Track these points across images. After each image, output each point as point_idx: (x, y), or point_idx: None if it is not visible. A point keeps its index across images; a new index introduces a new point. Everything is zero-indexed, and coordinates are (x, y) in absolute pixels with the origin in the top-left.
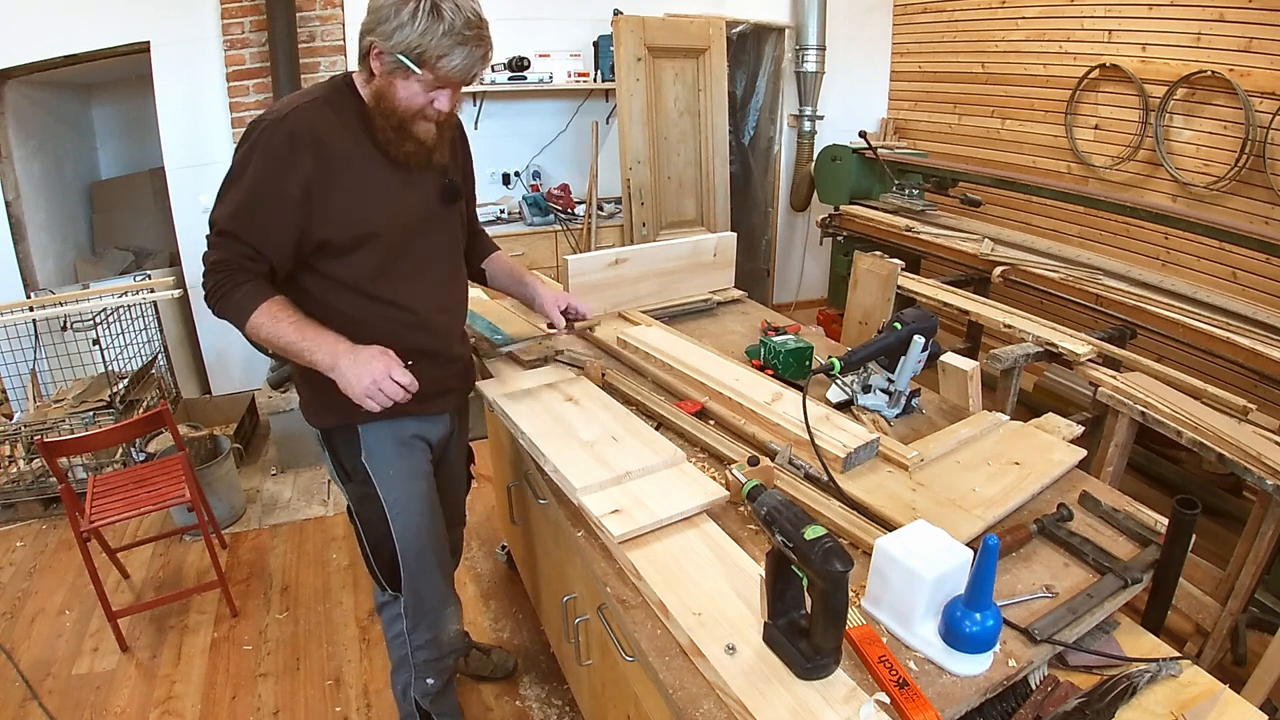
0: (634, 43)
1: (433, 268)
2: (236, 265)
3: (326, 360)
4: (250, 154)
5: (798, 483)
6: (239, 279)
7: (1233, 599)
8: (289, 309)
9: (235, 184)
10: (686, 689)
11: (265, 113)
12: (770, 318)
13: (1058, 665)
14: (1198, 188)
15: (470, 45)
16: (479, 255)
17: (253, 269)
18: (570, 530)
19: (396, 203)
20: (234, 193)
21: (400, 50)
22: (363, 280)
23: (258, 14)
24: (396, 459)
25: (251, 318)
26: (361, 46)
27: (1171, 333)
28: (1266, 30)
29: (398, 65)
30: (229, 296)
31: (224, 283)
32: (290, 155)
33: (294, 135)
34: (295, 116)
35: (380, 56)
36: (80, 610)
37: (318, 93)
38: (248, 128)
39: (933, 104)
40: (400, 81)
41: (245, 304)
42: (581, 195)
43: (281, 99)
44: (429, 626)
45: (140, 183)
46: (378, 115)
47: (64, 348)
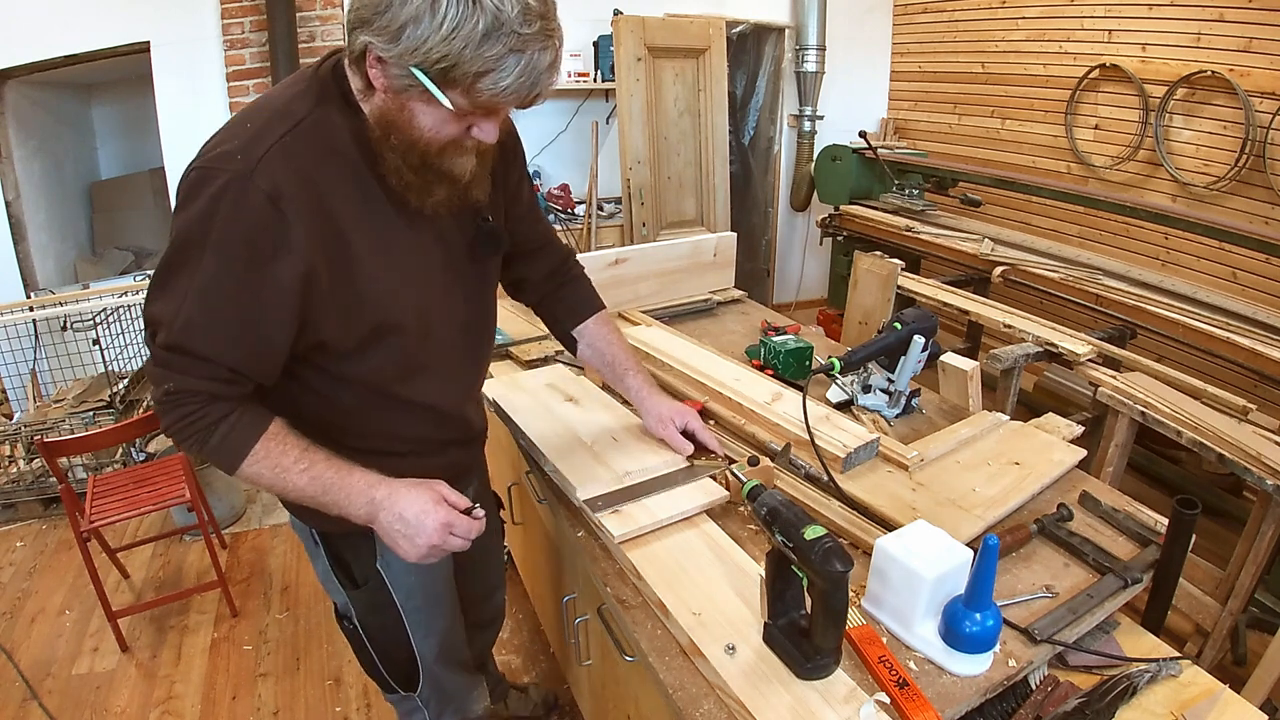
0: (634, 43)
1: (462, 343)
2: (205, 395)
3: (362, 514)
4: (206, 227)
5: (798, 483)
6: (213, 414)
7: (1233, 599)
8: (293, 445)
9: (184, 270)
10: (686, 689)
11: (215, 148)
12: (770, 318)
13: (1058, 665)
14: (1198, 188)
15: (531, 51)
16: (571, 313)
17: (229, 393)
18: (570, 530)
19: (421, 273)
20: (183, 284)
21: (416, 62)
22: (383, 382)
23: (258, 14)
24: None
25: (243, 469)
26: (353, 45)
27: (1171, 333)
28: (1266, 30)
29: (412, 84)
30: (205, 442)
31: (192, 421)
32: (276, 227)
33: (276, 196)
34: (273, 163)
35: (383, 66)
36: (80, 610)
37: (299, 108)
38: (192, 176)
39: (933, 104)
40: (420, 106)
41: (232, 451)
42: (581, 195)
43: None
44: (456, 710)
45: (140, 183)
46: (387, 149)
47: (64, 348)
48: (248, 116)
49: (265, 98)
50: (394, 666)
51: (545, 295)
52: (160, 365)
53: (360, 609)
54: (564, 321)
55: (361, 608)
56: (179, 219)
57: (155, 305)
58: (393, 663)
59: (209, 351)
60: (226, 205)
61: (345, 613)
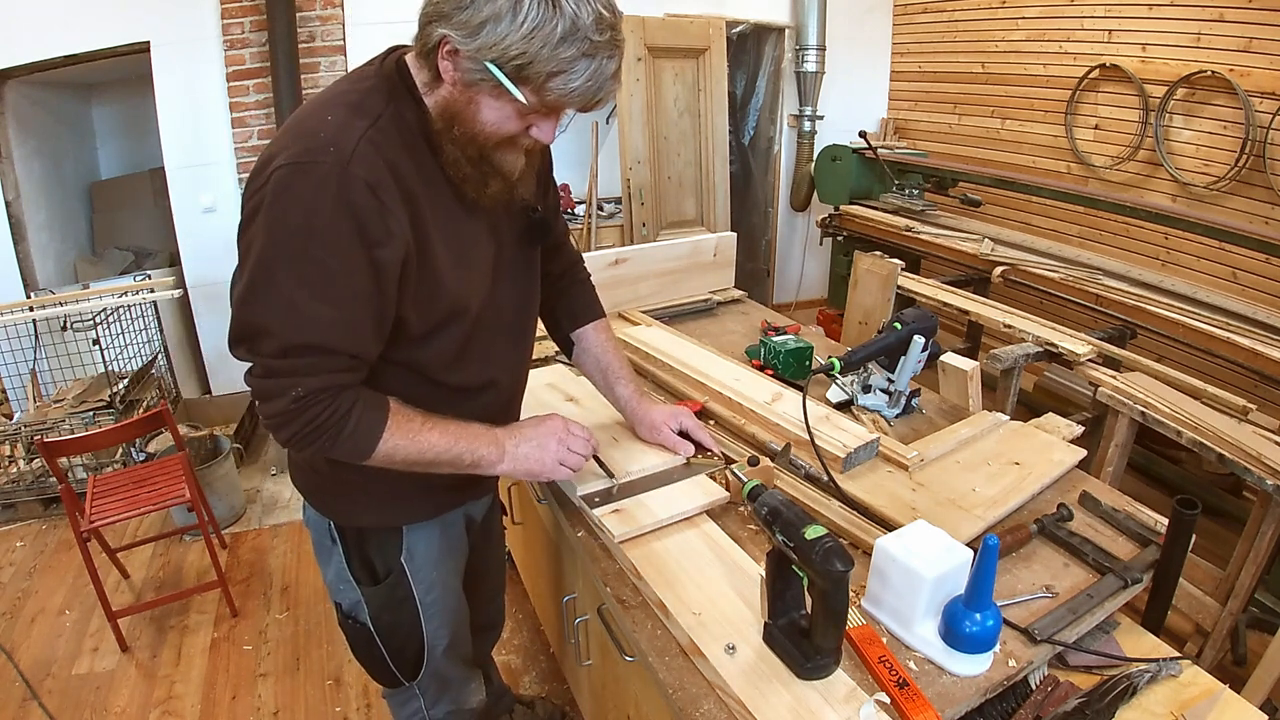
0: (634, 43)
1: (509, 333)
2: (335, 389)
3: (493, 456)
4: (310, 218)
5: (798, 483)
6: (343, 405)
7: (1233, 599)
8: (413, 412)
9: (288, 267)
10: (686, 689)
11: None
12: (770, 318)
13: (1058, 665)
14: (1198, 188)
15: (601, 57)
16: (573, 316)
17: (354, 381)
18: (570, 530)
19: (481, 261)
20: (289, 281)
21: (492, 57)
22: (437, 368)
23: (258, 14)
24: (443, 556)
25: (380, 448)
26: (428, 37)
27: (1171, 333)
28: (1266, 30)
29: (486, 77)
30: (339, 434)
31: (326, 419)
32: (379, 216)
33: (376, 186)
34: (367, 154)
35: (456, 59)
36: (80, 610)
37: (376, 104)
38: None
39: (933, 104)
40: (488, 100)
41: (368, 433)
42: (581, 195)
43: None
44: (452, 700)
45: (140, 183)
46: (447, 141)
47: (64, 348)
48: (323, 111)
49: (334, 94)
50: (403, 660)
51: (551, 294)
52: (280, 373)
53: (375, 606)
54: (564, 323)
55: (377, 605)
56: (268, 216)
57: (255, 311)
58: (402, 657)
59: (336, 343)
60: (329, 195)
61: (353, 613)
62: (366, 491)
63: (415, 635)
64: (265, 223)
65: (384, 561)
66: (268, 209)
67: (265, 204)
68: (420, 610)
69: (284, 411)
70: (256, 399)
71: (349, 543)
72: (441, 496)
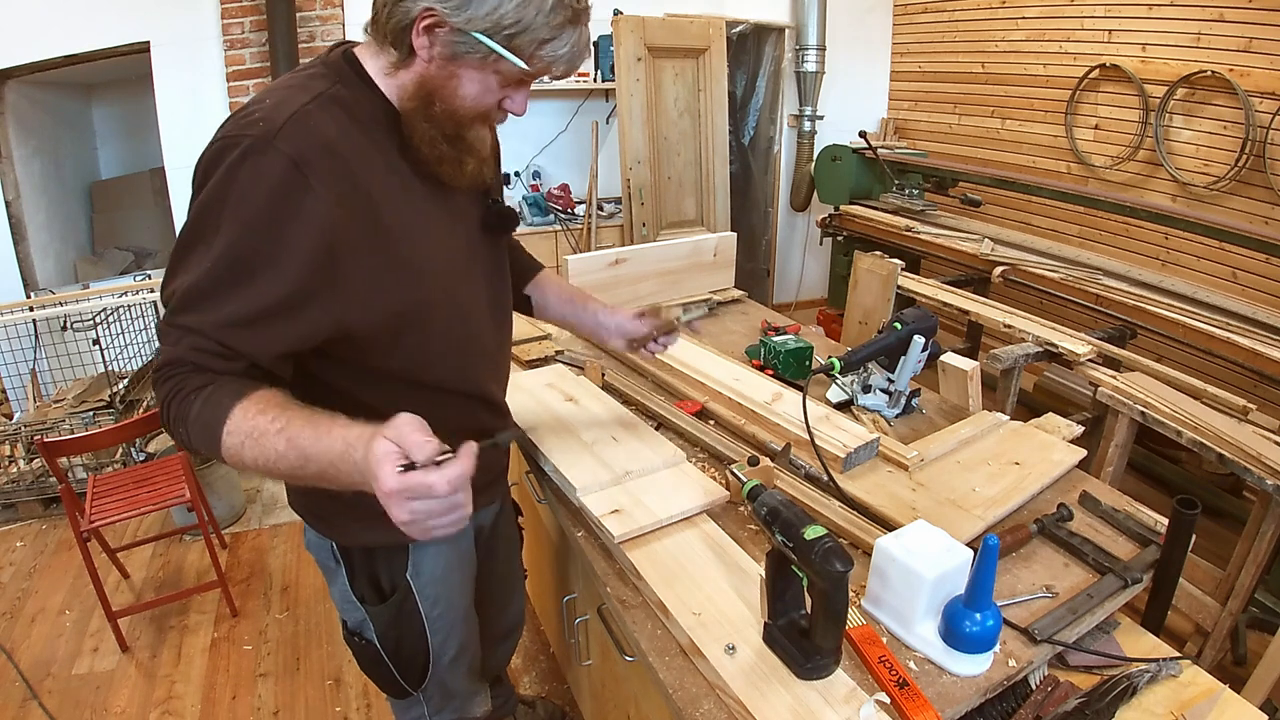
0: (634, 43)
1: (486, 323)
2: (191, 365)
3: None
4: (224, 194)
5: (798, 483)
6: (193, 383)
7: (1233, 599)
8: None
9: (200, 242)
10: (686, 689)
11: (241, 115)
12: (770, 318)
13: (1058, 665)
14: (1198, 188)
15: (582, 24)
16: (520, 278)
17: (216, 366)
18: (570, 530)
19: (448, 251)
20: (198, 256)
21: (484, 28)
22: (413, 368)
23: (258, 14)
24: (449, 571)
25: (225, 442)
26: (398, 15)
27: (1171, 333)
28: (1266, 30)
29: (473, 49)
30: (186, 415)
31: (176, 393)
32: (299, 195)
33: (301, 162)
34: (297, 128)
35: (437, 33)
36: (80, 610)
37: (317, 85)
38: (212, 149)
39: (933, 104)
40: (469, 72)
41: (211, 417)
42: (581, 195)
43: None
44: (455, 710)
45: (140, 183)
46: (420, 119)
47: (64, 348)
48: (265, 95)
49: (278, 83)
50: (410, 672)
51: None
52: (161, 339)
53: (382, 624)
54: (518, 283)
55: (384, 622)
56: (207, 184)
57: (170, 284)
58: (409, 669)
59: (209, 327)
60: (247, 170)
61: (359, 630)
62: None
63: (421, 648)
64: (194, 197)
65: (389, 579)
66: (197, 187)
67: (197, 182)
68: (426, 625)
69: (155, 377)
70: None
71: (353, 563)
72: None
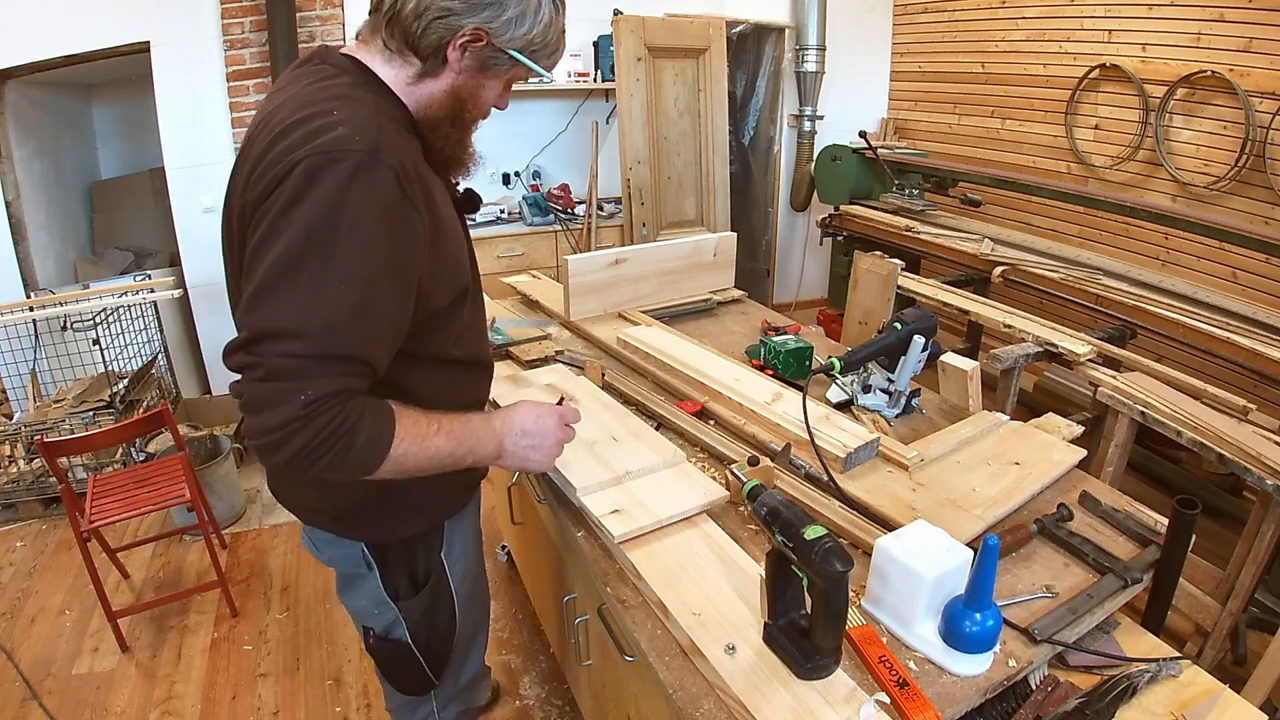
0: (634, 43)
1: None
2: (345, 394)
3: (491, 448)
4: (338, 213)
5: (798, 483)
6: (353, 412)
7: (1233, 599)
8: (416, 414)
9: (312, 264)
10: (686, 689)
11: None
12: (770, 318)
13: (1058, 665)
14: (1198, 188)
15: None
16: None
17: (363, 387)
18: (570, 530)
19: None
20: (311, 280)
21: (518, 45)
22: (448, 344)
23: (258, 14)
24: (474, 542)
25: (391, 454)
26: (436, 30)
27: (1171, 333)
28: (1266, 30)
29: (501, 62)
30: (350, 445)
31: (336, 428)
32: (405, 207)
33: (402, 175)
34: (389, 144)
35: (475, 48)
36: (80, 610)
37: (367, 96)
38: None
39: (933, 104)
40: (492, 81)
41: (380, 441)
42: (581, 195)
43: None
44: (464, 700)
45: (140, 183)
46: (445, 126)
47: (64, 348)
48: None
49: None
50: (437, 661)
51: None
52: (286, 375)
53: (416, 616)
54: None
55: (418, 614)
56: (298, 210)
57: (272, 311)
58: (437, 658)
59: (353, 346)
60: (360, 188)
61: (388, 633)
62: (412, 498)
63: (450, 630)
64: (289, 217)
65: (426, 565)
66: (290, 203)
67: (285, 198)
68: (456, 604)
69: (290, 420)
70: (253, 411)
71: (388, 560)
72: (473, 481)
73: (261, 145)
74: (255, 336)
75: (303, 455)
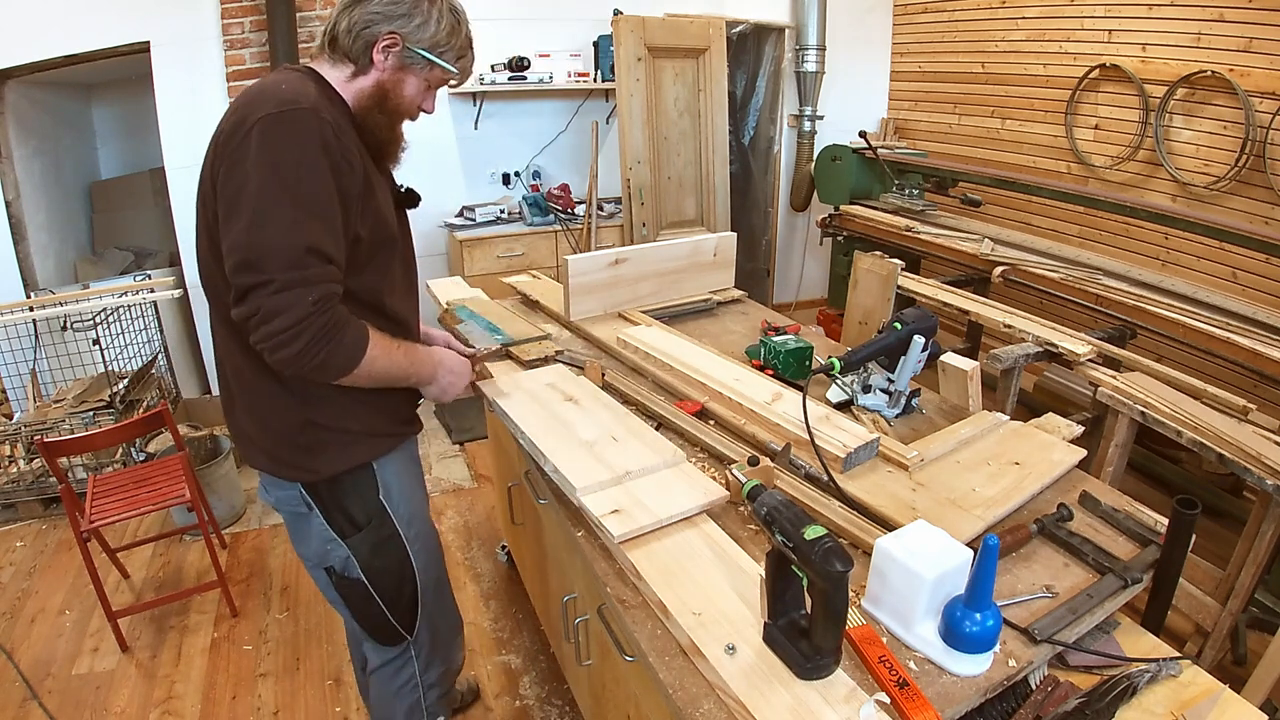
0: (634, 43)
1: (413, 276)
2: (335, 295)
3: (428, 373)
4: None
5: (798, 483)
6: (342, 312)
7: (1233, 599)
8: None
9: (285, 194)
10: (686, 689)
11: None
12: (770, 318)
13: (1058, 665)
14: (1198, 188)
15: (472, 49)
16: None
17: (339, 292)
18: (570, 530)
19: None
20: (287, 205)
21: (425, 46)
22: (383, 293)
23: (258, 14)
24: (414, 486)
25: (368, 353)
26: (363, 37)
27: (1171, 333)
28: (1266, 30)
29: (415, 61)
30: (340, 336)
31: (335, 322)
32: (339, 146)
33: (337, 127)
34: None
35: (393, 50)
36: (80, 610)
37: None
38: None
39: (933, 104)
40: (409, 78)
41: (361, 338)
42: (581, 195)
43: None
44: (443, 659)
45: (140, 183)
46: (374, 114)
47: (64, 348)
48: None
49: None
50: (400, 609)
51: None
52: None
53: (365, 554)
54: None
55: (366, 551)
56: (260, 156)
57: (264, 234)
58: (399, 605)
59: (333, 252)
60: (311, 132)
61: (345, 570)
62: (337, 435)
63: (408, 576)
64: (257, 162)
65: (363, 507)
66: (257, 151)
67: (253, 148)
68: (407, 547)
69: (303, 318)
70: (269, 318)
71: (325, 499)
72: (400, 428)
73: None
74: (257, 255)
75: (311, 345)
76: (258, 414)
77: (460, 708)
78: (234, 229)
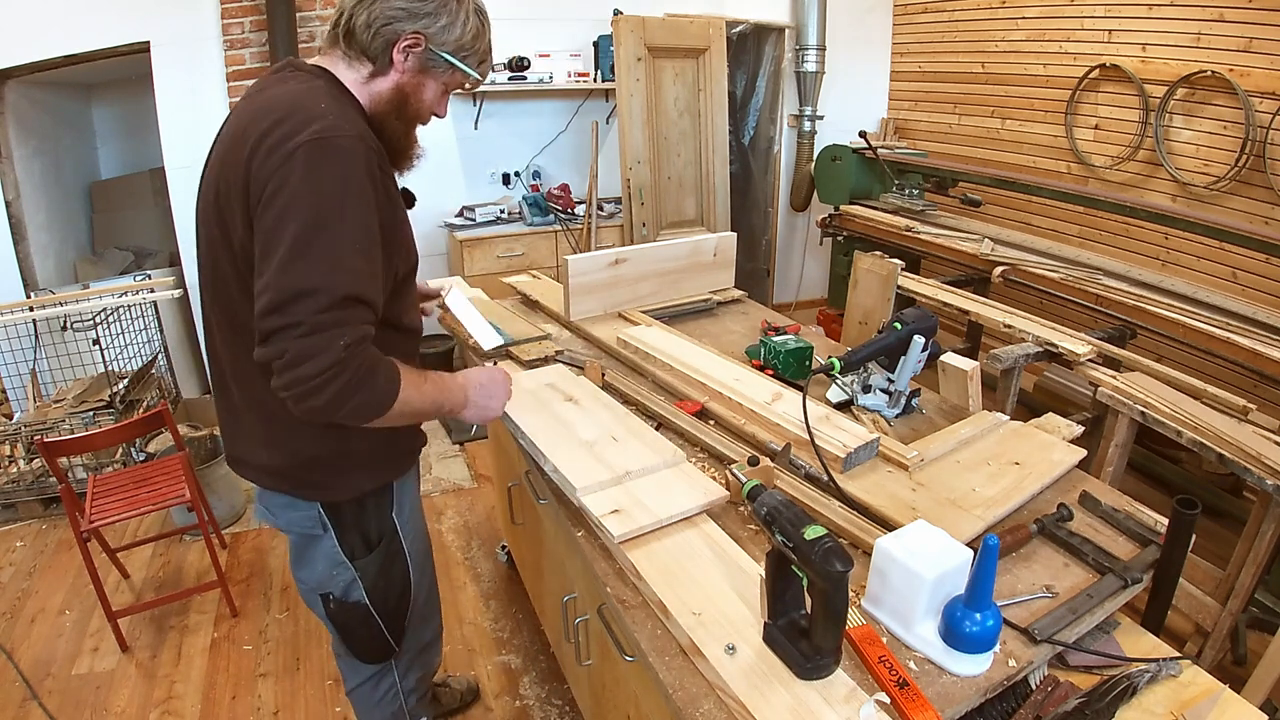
0: (634, 43)
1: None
2: (369, 338)
3: (460, 398)
4: (344, 185)
5: (798, 483)
6: (374, 354)
7: (1233, 599)
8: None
9: (329, 229)
10: (686, 689)
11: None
12: (770, 318)
13: (1058, 665)
14: (1198, 188)
15: (492, 53)
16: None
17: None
18: (570, 530)
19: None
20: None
21: (449, 49)
22: (399, 313)
23: (258, 14)
24: (418, 499)
25: (400, 395)
26: (384, 35)
27: (1171, 333)
28: (1266, 30)
29: (437, 64)
30: (373, 382)
31: (361, 366)
32: (382, 179)
33: (380, 157)
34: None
35: (414, 51)
36: (80, 610)
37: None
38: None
39: (933, 104)
40: (429, 82)
41: (391, 380)
42: (581, 195)
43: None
44: (422, 664)
45: (140, 183)
46: (391, 120)
47: (64, 348)
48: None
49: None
50: (394, 623)
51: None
52: (326, 327)
53: (372, 574)
54: None
55: (374, 572)
56: (304, 186)
57: (301, 272)
58: (394, 620)
59: (371, 295)
60: (358, 163)
61: (346, 595)
62: (364, 458)
63: (405, 589)
64: (299, 192)
65: (378, 525)
66: (302, 179)
67: (296, 175)
68: (410, 562)
69: (335, 363)
70: (297, 363)
71: (343, 520)
72: (415, 446)
73: (259, 131)
74: (292, 295)
75: (342, 393)
76: (278, 442)
77: (460, 708)
78: (269, 268)
